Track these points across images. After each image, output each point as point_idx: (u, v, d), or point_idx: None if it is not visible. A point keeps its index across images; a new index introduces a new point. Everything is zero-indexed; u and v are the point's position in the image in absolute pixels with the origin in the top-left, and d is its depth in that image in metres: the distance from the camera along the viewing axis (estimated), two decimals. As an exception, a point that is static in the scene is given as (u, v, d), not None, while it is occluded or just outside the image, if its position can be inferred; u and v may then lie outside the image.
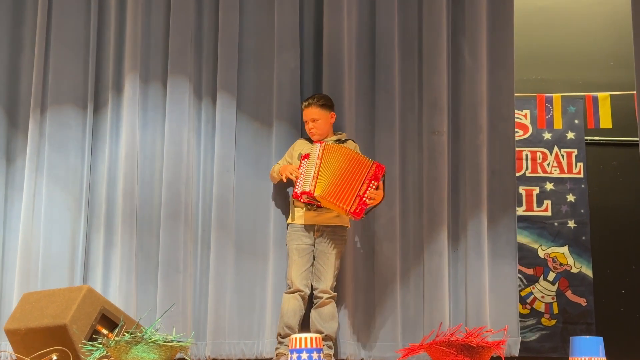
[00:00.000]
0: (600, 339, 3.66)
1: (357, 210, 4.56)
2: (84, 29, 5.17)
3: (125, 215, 4.94)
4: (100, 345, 3.64)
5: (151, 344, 3.55)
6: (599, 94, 6.25)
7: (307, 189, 4.58)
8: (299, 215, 4.77)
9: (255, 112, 5.13)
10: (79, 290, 4.12)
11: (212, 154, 5.09)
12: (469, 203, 5.16)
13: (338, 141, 4.84)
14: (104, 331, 4.08)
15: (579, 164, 6.45)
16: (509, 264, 5.14)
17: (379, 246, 5.05)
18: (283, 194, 5.06)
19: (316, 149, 4.69)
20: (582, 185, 6.42)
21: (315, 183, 4.58)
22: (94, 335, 4.04)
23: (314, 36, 5.26)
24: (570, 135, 6.46)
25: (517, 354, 5.05)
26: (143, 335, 3.55)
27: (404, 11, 5.31)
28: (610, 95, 6.22)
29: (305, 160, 4.71)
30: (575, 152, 6.46)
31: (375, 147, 5.15)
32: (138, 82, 5.06)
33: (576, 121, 6.50)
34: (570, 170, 6.43)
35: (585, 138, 6.47)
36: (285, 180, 4.79)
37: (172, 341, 3.60)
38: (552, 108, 6.34)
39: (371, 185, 4.61)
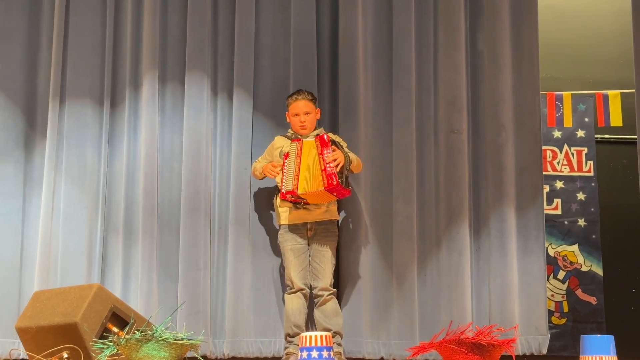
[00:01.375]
0: (611, 337, 3.65)
1: (332, 182, 4.50)
2: (101, 27, 5.20)
3: (145, 214, 4.96)
4: (111, 343, 3.66)
5: (162, 342, 3.56)
6: (610, 92, 6.23)
7: (290, 188, 4.59)
8: (285, 216, 4.77)
9: (272, 110, 5.14)
10: (90, 289, 4.14)
11: (229, 151, 5.11)
12: (491, 201, 5.15)
13: (317, 135, 4.85)
14: (115, 329, 4.09)
15: (589, 162, 6.44)
16: (538, 261, 5.11)
17: (397, 244, 5.04)
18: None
19: (293, 148, 4.69)
20: (592, 184, 6.40)
21: (297, 181, 4.58)
22: (104, 334, 4.05)
23: (330, 34, 5.26)
24: (580, 133, 6.44)
25: (545, 352, 5.03)
26: (153, 333, 3.56)
27: (420, 8, 5.30)
28: (621, 93, 6.20)
29: (287, 159, 4.71)
30: (585, 150, 6.44)
31: (392, 145, 5.14)
32: (157, 81, 5.08)
33: (586, 119, 6.48)
34: (580, 169, 6.41)
35: (596, 136, 6.44)
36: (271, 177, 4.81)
37: (182, 339, 3.61)
38: (562, 106, 6.33)
39: (325, 154, 4.57)
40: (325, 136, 4.63)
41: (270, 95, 5.18)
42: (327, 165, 4.55)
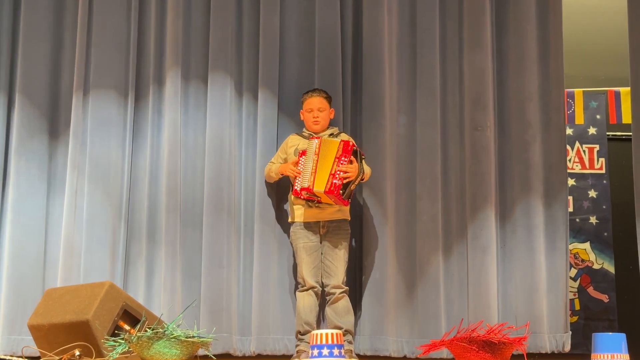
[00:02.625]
0: (623, 335, 3.65)
1: (332, 189, 4.53)
2: (125, 25, 5.21)
3: (169, 212, 4.97)
4: (123, 341, 3.67)
5: (173, 340, 3.57)
6: (621, 89, 6.21)
7: (306, 185, 4.60)
8: (300, 213, 4.77)
9: (296, 109, 5.12)
10: (102, 286, 4.15)
11: (253, 149, 5.12)
12: (517, 198, 5.13)
13: (332, 135, 4.85)
14: (126, 327, 4.10)
15: (600, 159, 6.42)
16: (562, 259, 5.09)
17: (422, 242, 5.03)
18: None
19: (313, 145, 4.69)
20: (604, 181, 6.38)
21: (314, 178, 4.59)
22: (116, 331, 4.07)
23: (354, 33, 5.26)
24: (592, 130, 6.42)
25: (569, 349, 5.02)
26: (165, 331, 3.58)
27: (444, 6, 5.29)
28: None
29: (303, 157, 4.71)
30: (597, 147, 6.42)
31: (416, 143, 5.14)
32: (179, 79, 5.10)
33: (598, 116, 6.46)
34: (592, 166, 6.39)
35: (607, 133, 6.43)
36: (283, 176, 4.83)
37: (193, 337, 3.62)
38: (574, 103, 6.31)
39: (342, 161, 4.60)
40: (350, 143, 4.65)
41: (295, 95, 5.15)
42: (337, 173, 4.57)
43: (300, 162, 4.71)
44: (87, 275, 4.92)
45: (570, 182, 6.37)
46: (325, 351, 3.71)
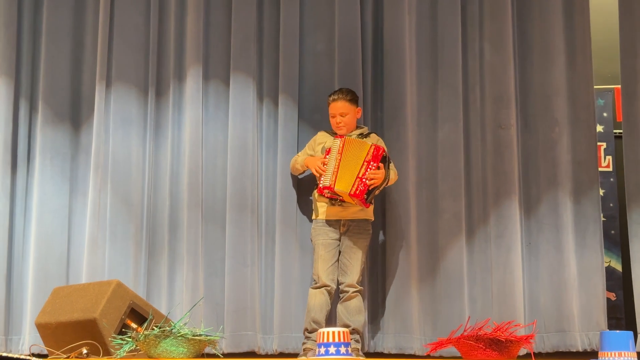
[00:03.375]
0: (630, 333, 3.64)
1: (357, 192, 4.55)
2: (144, 25, 5.23)
3: (190, 210, 4.99)
4: (130, 339, 3.68)
5: (180, 338, 3.58)
6: (628, 87, 6.17)
7: (328, 184, 4.61)
8: (323, 210, 4.78)
9: (317, 107, 5.13)
10: (109, 285, 4.17)
11: (274, 148, 5.12)
12: (543, 196, 5.10)
13: (361, 135, 4.84)
14: (133, 325, 4.11)
15: (607, 157, 6.40)
16: (596, 256, 5.06)
17: (444, 240, 5.02)
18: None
19: (337, 144, 4.70)
20: (611, 179, 6.37)
21: (335, 178, 4.60)
22: (123, 329, 4.08)
23: (374, 29, 5.24)
24: (599, 128, 6.40)
25: None
26: (172, 329, 3.58)
27: (465, 1, 5.26)
28: (640, 87, 6.14)
29: (328, 155, 4.72)
30: (604, 145, 6.40)
31: (437, 141, 5.12)
32: (201, 77, 5.11)
33: (605, 114, 6.44)
34: (599, 164, 6.37)
35: (615, 131, 6.40)
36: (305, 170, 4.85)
37: (200, 335, 3.63)
38: (581, 101, 6.28)
39: (370, 166, 4.61)
40: (381, 150, 4.66)
41: (315, 94, 5.16)
42: (364, 177, 4.58)
43: (325, 160, 4.72)
44: (111, 273, 4.94)
45: (577, 180, 6.35)
46: (332, 349, 3.71)
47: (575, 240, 5.07)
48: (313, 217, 4.86)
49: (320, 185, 4.68)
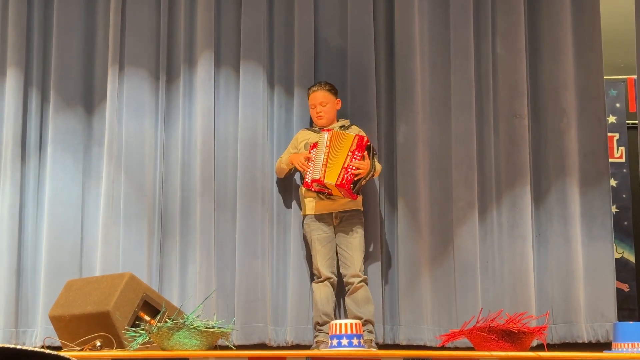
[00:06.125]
0: (644, 324, 3.63)
1: (343, 182, 4.55)
2: (155, 14, 5.22)
3: (203, 202, 4.99)
4: (143, 332, 3.69)
5: (193, 330, 3.59)
6: (641, 77, 6.15)
7: (317, 177, 4.61)
8: (311, 206, 4.79)
9: None
10: (122, 277, 4.18)
11: (286, 139, 5.12)
12: (553, 187, 5.10)
13: (342, 127, 4.84)
14: (147, 317, 4.13)
15: (620, 148, 6.37)
16: (605, 247, 5.05)
17: (458, 230, 5.01)
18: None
19: (324, 137, 4.70)
20: (624, 170, 6.34)
21: (325, 170, 4.60)
22: (136, 322, 4.09)
23: (386, 16, 5.23)
24: (611, 119, 6.37)
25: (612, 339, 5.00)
26: (185, 321, 3.59)
27: None
28: (653, 78, 6.11)
29: (314, 149, 4.71)
30: (616, 136, 6.38)
31: (451, 131, 5.11)
32: (213, 67, 5.11)
33: (617, 105, 6.41)
34: (612, 155, 6.34)
35: (627, 122, 6.37)
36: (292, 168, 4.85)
37: (213, 327, 3.64)
38: (593, 91, 6.25)
39: (355, 156, 4.60)
40: (365, 139, 4.66)
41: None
42: (349, 167, 4.58)
43: (311, 154, 4.71)
44: (125, 265, 4.94)
45: (590, 171, 6.33)
46: (344, 341, 3.72)
47: (582, 231, 5.06)
48: (302, 213, 4.87)
49: (308, 179, 4.67)
